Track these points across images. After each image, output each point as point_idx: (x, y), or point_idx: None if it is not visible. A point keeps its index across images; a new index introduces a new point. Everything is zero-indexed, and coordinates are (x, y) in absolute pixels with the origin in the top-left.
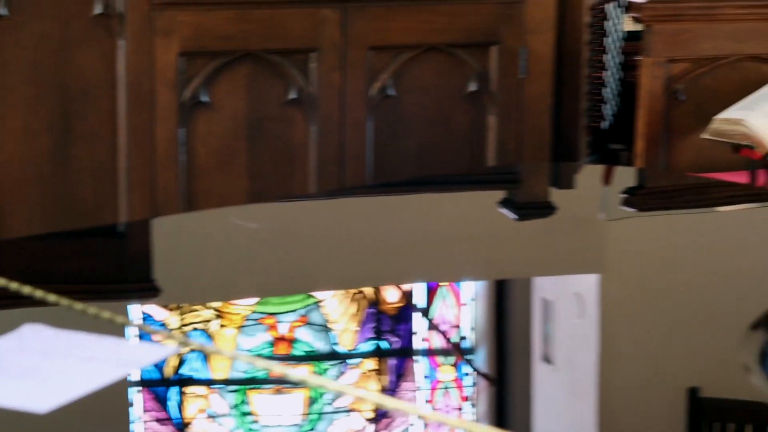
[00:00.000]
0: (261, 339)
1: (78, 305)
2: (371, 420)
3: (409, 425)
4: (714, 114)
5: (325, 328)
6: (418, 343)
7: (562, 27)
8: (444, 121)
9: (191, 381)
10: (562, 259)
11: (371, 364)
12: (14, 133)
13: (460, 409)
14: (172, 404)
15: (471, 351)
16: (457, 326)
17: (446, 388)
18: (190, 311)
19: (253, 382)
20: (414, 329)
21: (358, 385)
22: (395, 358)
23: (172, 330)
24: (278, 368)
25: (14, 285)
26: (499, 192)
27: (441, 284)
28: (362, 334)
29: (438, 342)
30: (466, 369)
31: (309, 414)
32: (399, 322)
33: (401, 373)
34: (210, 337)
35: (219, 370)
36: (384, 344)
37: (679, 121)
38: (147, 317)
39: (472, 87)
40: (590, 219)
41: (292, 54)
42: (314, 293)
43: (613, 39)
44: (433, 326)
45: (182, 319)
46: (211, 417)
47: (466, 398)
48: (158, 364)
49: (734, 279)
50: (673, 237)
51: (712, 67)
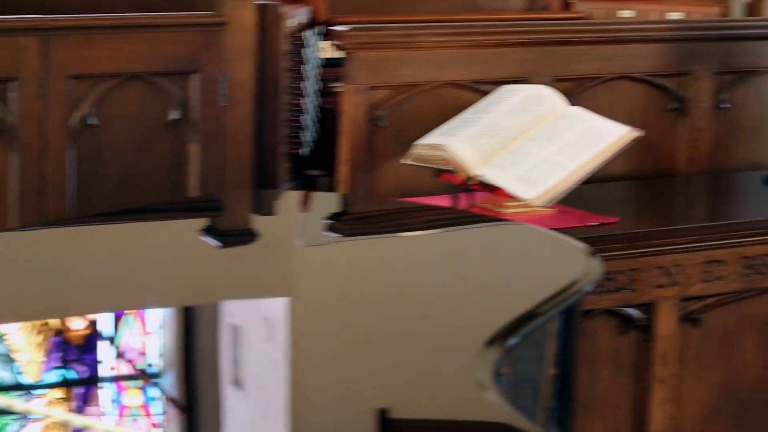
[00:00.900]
0: None
1: None
2: None
3: None
4: (415, 139)
5: (8, 359)
6: (104, 371)
7: (262, 54)
8: (146, 149)
9: None
10: (253, 284)
11: (57, 393)
12: None
13: None
14: None
15: (158, 377)
16: (144, 353)
17: (134, 415)
18: None
19: None
20: (100, 357)
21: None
22: (82, 386)
23: None
24: None
25: None
26: (200, 220)
27: (127, 312)
28: (48, 363)
29: (125, 369)
30: (154, 394)
31: None
32: (85, 351)
33: (87, 400)
34: None
35: None
36: (70, 373)
37: (381, 147)
38: None
39: (174, 115)
40: (286, 245)
41: None
42: None
43: (312, 66)
44: (119, 354)
45: None
46: None
47: (155, 425)
48: None
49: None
50: (373, 260)
51: (411, 94)
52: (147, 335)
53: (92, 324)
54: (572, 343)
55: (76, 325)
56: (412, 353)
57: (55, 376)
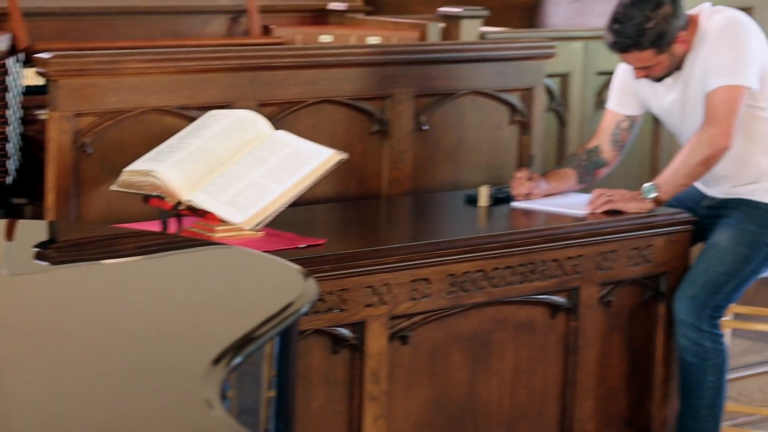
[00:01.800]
0: None
1: None
2: None
3: None
4: (123, 166)
5: None
6: None
7: None
8: None
9: None
10: None
11: None
12: None
13: None
14: None
15: None
16: None
17: None
18: None
19: None
20: None
21: None
22: None
23: None
24: None
25: None
26: None
27: None
28: None
29: None
30: None
31: None
32: None
33: None
34: None
35: None
36: None
37: (89, 174)
38: None
39: None
40: None
41: None
42: None
43: (14, 94)
44: None
45: None
46: None
47: None
48: None
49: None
50: (84, 288)
51: (117, 120)
52: None
53: None
54: (291, 364)
55: None
56: (125, 381)
57: None
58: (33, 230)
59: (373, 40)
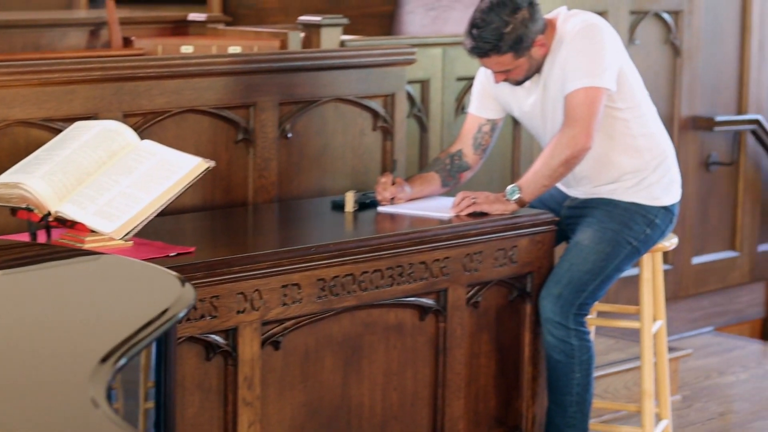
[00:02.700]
0: None
1: None
2: None
3: None
4: None
5: None
6: None
7: None
8: None
9: None
10: None
11: None
12: None
13: None
14: None
15: None
16: None
17: None
18: None
19: None
20: None
21: None
22: None
23: None
24: None
25: None
26: None
27: None
28: None
29: None
30: None
31: None
32: None
33: None
34: None
35: None
36: None
37: None
38: None
39: None
40: None
41: None
42: None
43: None
44: None
45: None
46: None
47: None
48: None
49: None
50: None
51: None
52: None
53: None
54: (170, 369)
55: None
56: (5, 389)
57: None
58: None
59: (235, 49)
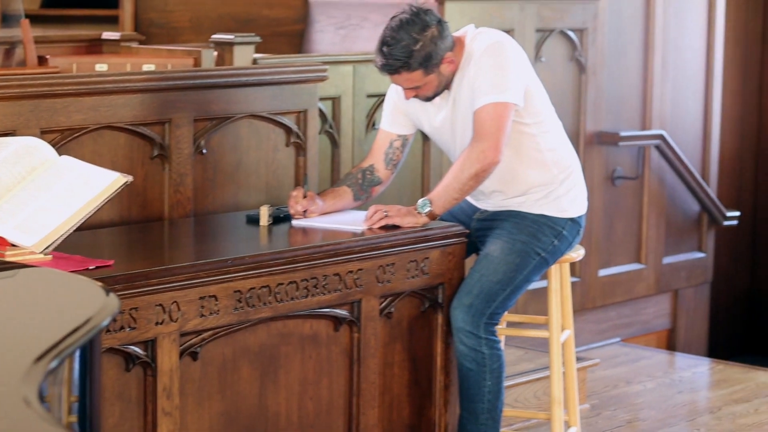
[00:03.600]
0: None
1: None
2: None
3: None
4: None
5: None
6: None
7: None
8: None
9: None
10: None
11: None
12: None
13: None
14: None
15: None
16: None
17: None
18: None
19: None
20: None
21: None
22: None
23: None
24: None
25: None
26: None
27: None
28: None
29: None
30: None
31: None
32: None
33: None
34: None
35: None
36: None
37: None
38: None
39: None
40: None
41: None
42: None
43: None
44: None
45: None
46: None
47: None
48: None
49: None
50: None
51: None
52: None
53: None
54: (96, 375)
55: None
56: None
57: None
58: None
59: (149, 67)
